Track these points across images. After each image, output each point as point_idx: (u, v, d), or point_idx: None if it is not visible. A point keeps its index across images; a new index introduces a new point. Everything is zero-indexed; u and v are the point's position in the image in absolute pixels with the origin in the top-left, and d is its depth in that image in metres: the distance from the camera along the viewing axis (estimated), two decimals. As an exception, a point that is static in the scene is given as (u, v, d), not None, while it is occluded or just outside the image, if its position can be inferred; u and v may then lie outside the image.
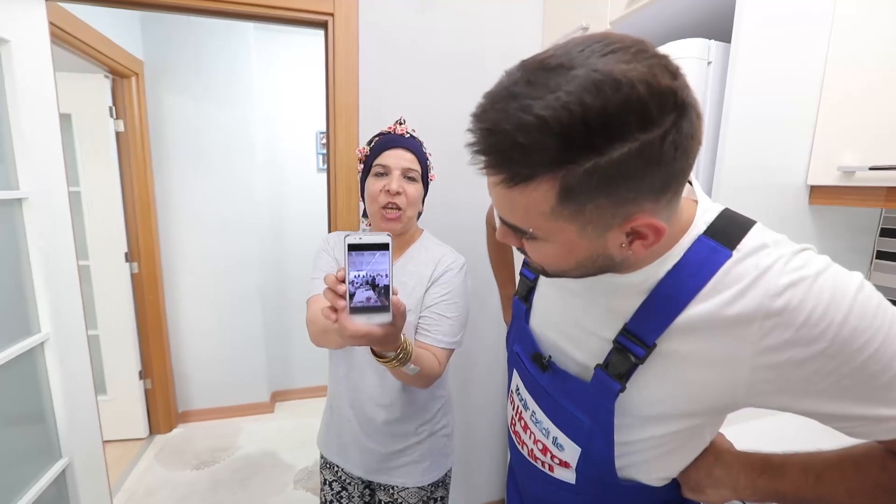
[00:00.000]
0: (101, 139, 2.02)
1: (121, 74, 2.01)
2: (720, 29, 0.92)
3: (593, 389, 0.50)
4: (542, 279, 0.63)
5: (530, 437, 0.61)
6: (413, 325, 0.91)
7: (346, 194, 1.45)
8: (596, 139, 0.32)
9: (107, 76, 1.98)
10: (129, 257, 2.18)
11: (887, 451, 0.45)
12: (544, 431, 0.58)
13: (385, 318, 0.59)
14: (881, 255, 1.05)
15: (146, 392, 2.33)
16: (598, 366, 0.49)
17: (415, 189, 0.91)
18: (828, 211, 0.96)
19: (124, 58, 1.94)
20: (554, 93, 0.32)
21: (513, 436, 0.67)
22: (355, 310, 0.57)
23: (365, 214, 1.00)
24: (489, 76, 0.39)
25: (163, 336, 2.34)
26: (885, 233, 1.05)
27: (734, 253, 0.42)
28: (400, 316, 0.61)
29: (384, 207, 0.89)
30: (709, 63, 0.86)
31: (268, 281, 2.64)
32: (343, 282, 0.57)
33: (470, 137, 0.37)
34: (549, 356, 0.57)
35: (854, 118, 0.84)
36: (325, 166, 2.69)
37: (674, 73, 0.34)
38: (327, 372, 1.03)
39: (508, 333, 0.73)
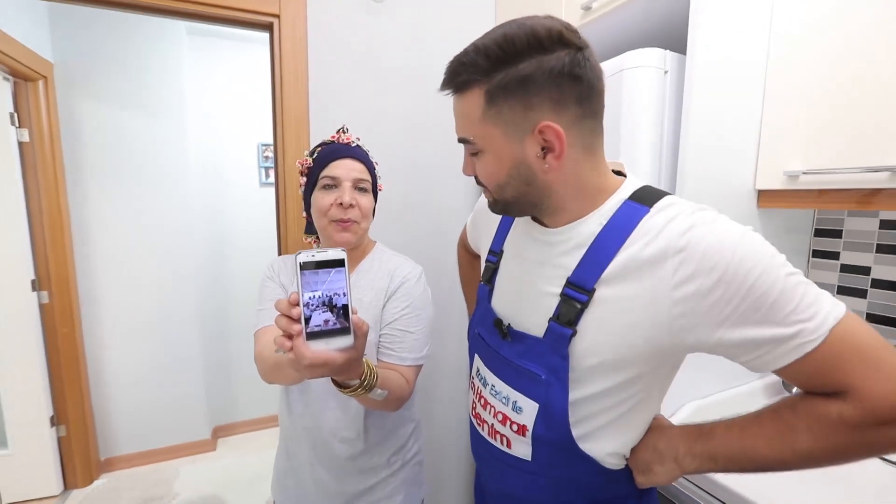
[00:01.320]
0: (-1, 150, 1.75)
1: (25, 77, 1.77)
2: (671, 40, 0.96)
3: (548, 341, 0.56)
4: (503, 262, 0.68)
5: (490, 412, 0.64)
6: (374, 343, 0.84)
7: (297, 208, 1.35)
8: (507, 56, 0.49)
9: (7, 78, 1.73)
10: (36, 285, 1.89)
11: (801, 394, 0.50)
12: (504, 400, 0.62)
13: (346, 341, 0.54)
14: (816, 253, 1.14)
15: (59, 440, 2.02)
16: (550, 319, 0.56)
17: (367, 200, 0.86)
18: (774, 214, 1.02)
19: (29, 58, 1.71)
20: (489, 34, 0.51)
21: (473, 419, 0.70)
22: (312, 335, 0.52)
23: (308, 231, 0.92)
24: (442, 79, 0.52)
25: (80, 374, 2.05)
26: (818, 233, 1.13)
27: (651, 209, 0.52)
28: (362, 337, 0.56)
29: (336, 221, 0.82)
30: (665, 72, 0.89)
31: (207, 304, 2.42)
32: (297, 305, 0.51)
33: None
34: (509, 324, 0.62)
35: (794, 128, 0.90)
36: (269, 180, 2.56)
37: (569, 28, 0.49)
38: (276, 402, 0.92)
39: (471, 320, 0.76)
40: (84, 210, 2.05)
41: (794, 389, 0.97)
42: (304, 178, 0.88)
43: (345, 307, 0.54)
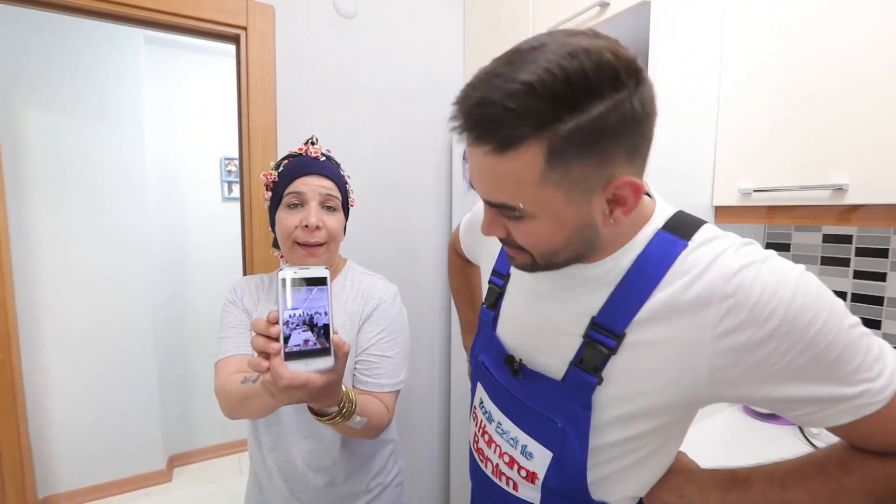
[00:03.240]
0: (-73, 160, 1.60)
1: (-40, 82, 1.64)
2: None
3: (567, 387, 0.50)
4: (510, 286, 0.62)
5: (495, 452, 0.59)
6: (349, 370, 0.81)
7: (263, 224, 1.31)
8: (577, 97, 0.36)
9: (-61, 84, 1.60)
10: (-34, 308, 1.72)
11: (847, 449, 0.46)
12: (512, 441, 0.56)
13: (326, 362, 0.52)
14: (767, 265, 1.21)
15: (-11, 480, 1.82)
16: (571, 363, 0.50)
17: (336, 220, 0.81)
18: (730, 229, 1.06)
19: (-34, 63, 1.58)
20: (535, 63, 0.36)
21: (475, 454, 0.64)
22: (290, 355, 0.50)
23: (276, 245, 0.88)
24: (413, 97, 0.46)
25: (16, 404, 1.86)
26: (768, 246, 1.20)
27: (689, 243, 0.45)
28: (343, 358, 0.54)
29: (301, 245, 0.78)
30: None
31: (163, 323, 2.28)
32: (276, 323, 0.49)
33: (455, 119, 0.40)
34: (521, 359, 0.56)
35: (746, 150, 0.96)
36: (232, 195, 2.47)
37: (627, 50, 0.39)
38: (238, 426, 0.87)
39: (473, 344, 0.70)
40: (24, 226, 1.90)
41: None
42: (269, 193, 0.83)
43: (326, 326, 0.52)
